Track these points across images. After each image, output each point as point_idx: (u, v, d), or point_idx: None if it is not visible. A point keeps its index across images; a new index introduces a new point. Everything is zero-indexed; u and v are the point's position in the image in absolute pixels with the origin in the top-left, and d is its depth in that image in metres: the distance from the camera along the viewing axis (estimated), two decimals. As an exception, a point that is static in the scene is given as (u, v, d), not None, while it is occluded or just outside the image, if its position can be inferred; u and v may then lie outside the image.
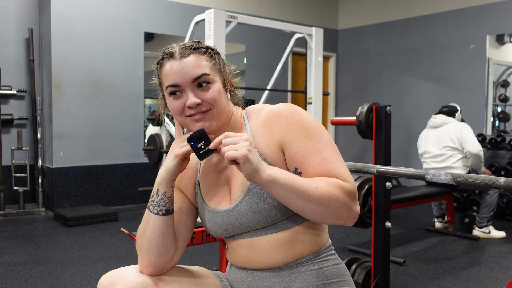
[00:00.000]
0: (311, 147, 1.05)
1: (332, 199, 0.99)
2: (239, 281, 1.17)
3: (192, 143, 0.99)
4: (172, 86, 1.07)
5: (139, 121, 5.16)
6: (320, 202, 0.98)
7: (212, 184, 1.17)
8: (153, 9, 5.22)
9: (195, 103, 1.05)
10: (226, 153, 0.94)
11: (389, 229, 2.27)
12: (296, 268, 1.10)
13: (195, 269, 1.18)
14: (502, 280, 2.82)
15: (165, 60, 1.10)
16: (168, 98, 1.10)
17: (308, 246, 1.11)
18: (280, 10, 6.38)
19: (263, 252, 1.10)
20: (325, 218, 1.01)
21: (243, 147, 0.94)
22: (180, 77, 1.06)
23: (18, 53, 4.77)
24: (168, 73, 1.08)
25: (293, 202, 0.98)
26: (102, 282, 1.06)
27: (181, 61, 1.07)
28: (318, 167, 1.03)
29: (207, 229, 1.18)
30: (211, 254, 3.27)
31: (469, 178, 1.44)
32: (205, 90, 1.07)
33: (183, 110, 1.08)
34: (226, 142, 0.95)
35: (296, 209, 1.00)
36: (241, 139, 0.95)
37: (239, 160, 0.93)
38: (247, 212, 1.08)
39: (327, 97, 7.06)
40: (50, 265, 3.00)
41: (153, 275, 1.09)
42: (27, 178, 4.64)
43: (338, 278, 1.13)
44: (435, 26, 5.88)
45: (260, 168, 0.95)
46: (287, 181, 0.97)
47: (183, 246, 1.15)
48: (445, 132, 3.84)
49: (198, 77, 1.06)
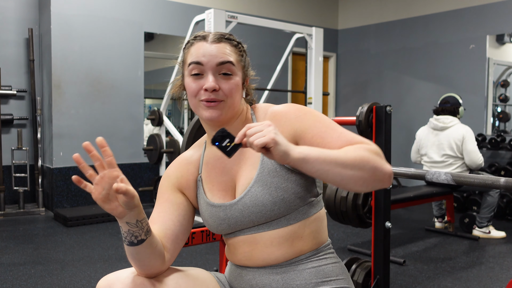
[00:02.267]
0: (325, 127, 1.07)
1: (364, 160, 0.99)
2: (239, 280, 1.17)
3: (217, 143, 0.99)
4: (196, 63, 1.08)
5: (139, 121, 5.16)
6: (356, 166, 0.98)
7: (216, 179, 1.17)
8: (153, 9, 5.22)
9: (213, 87, 1.06)
10: (255, 142, 0.92)
11: (389, 229, 2.27)
12: (295, 266, 1.11)
13: (193, 270, 1.18)
14: (502, 280, 2.82)
15: (196, 40, 1.11)
16: (188, 77, 1.11)
17: (308, 243, 1.12)
18: (280, 10, 6.38)
19: (264, 248, 1.10)
20: (366, 183, 1.00)
21: (269, 131, 0.93)
22: (207, 58, 1.08)
23: (18, 53, 4.77)
24: (195, 51, 1.09)
25: (330, 173, 0.97)
26: (101, 285, 1.06)
27: (211, 44, 1.09)
28: (339, 140, 1.05)
29: (208, 226, 1.18)
30: (211, 254, 3.27)
31: (469, 178, 1.44)
32: (226, 79, 1.09)
33: (199, 93, 1.09)
34: (251, 132, 0.94)
35: (335, 179, 0.99)
36: (264, 125, 0.95)
37: (269, 145, 0.92)
38: (252, 205, 1.08)
39: (327, 97, 7.06)
40: (50, 265, 3.00)
41: (150, 278, 1.09)
42: (27, 178, 4.64)
43: (336, 276, 1.13)
44: (435, 26, 5.88)
45: (290, 148, 0.95)
46: (318, 154, 0.96)
47: (177, 248, 1.14)
48: (446, 139, 3.74)
49: (223, 62, 1.08)
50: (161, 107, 4.77)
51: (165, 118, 4.77)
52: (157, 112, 4.74)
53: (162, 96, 4.81)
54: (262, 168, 1.09)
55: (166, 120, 4.76)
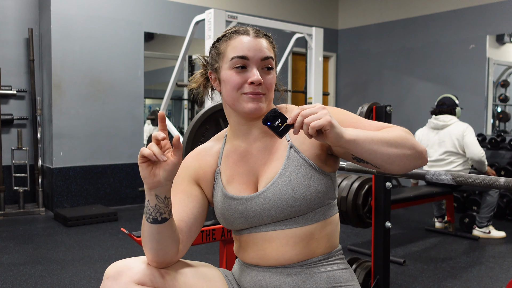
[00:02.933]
0: (354, 119, 1.11)
1: (404, 138, 1.03)
2: (249, 280, 1.16)
3: (268, 123, 0.99)
4: (241, 58, 1.09)
5: (139, 121, 5.16)
6: (399, 144, 1.02)
7: (238, 172, 1.16)
8: (153, 9, 5.22)
9: (259, 81, 1.09)
10: (312, 123, 0.93)
11: (389, 229, 2.27)
12: (306, 269, 1.11)
13: (201, 264, 1.18)
14: (502, 280, 2.82)
15: (236, 34, 1.12)
16: (229, 70, 1.11)
17: (322, 245, 1.12)
18: (280, 10, 6.38)
19: (279, 247, 1.10)
20: (409, 160, 1.03)
21: (325, 114, 0.94)
22: (252, 52, 1.09)
23: (18, 53, 4.77)
24: (239, 45, 1.10)
25: (378, 152, 1.00)
26: (109, 272, 1.05)
27: (255, 39, 1.11)
28: (371, 127, 1.09)
29: (223, 220, 1.17)
30: (211, 254, 3.27)
31: (469, 178, 1.44)
32: (267, 74, 1.12)
33: (242, 86, 1.10)
34: (305, 113, 0.95)
35: (383, 158, 1.01)
36: (318, 108, 0.95)
37: (325, 127, 0.93)
38: (274, 199, 1.08)
39: (327, 97, 7.06)
40: (50, 265, 3.00)
41: (160, 268, 1.08)
42: (27, 178, 4.63)
43: (346, 282, 1.13)
44: (435, 26, 5.88)
45: (343, 131, 0.97)
46: (366, 134, 1.00)
47: (190, 240, 1.14)
48: (447, 136, 3.77)
49: (267, 57, 1.11)
50: (161, 107, 4.77)
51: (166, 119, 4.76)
52: (157, 112, 4.73)
53: (162, 96, 4.81)
54: (288, 163, 1.10)
55: (166, 120, 4.76)
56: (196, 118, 1.95)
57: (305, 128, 0.94)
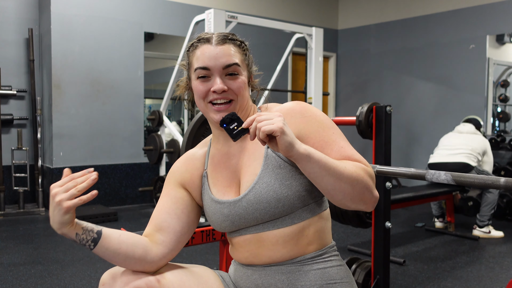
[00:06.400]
0: (328, 137, 1.09)
1: (359, 179, 1.02)
2: (244, 279, 1.17)
3: (225, 125, 1.00)
4: (202, 69, 1.10)
5: (139, 121, 5.16)
6: (349, 181, 1.00)
7: (222, 175, 1.17)
8: (153, 9, 5.22)
9: (221, 89, 1.09)
10: (262, 128, 0.93)
11: (389, 229, 2.27)
12: (300, 266, 1.11)
13: (197, 268, 1.18)
14: (502, 280, 2.82)
15: (200, 43, 1.13)
16: (195, 80, 1.13)
17: (314, 242, 1.12)
18: (280, 10, 6.38)
19: (270, 246, 1.11)
20: (352, 200, 1.03)
21: (278, 121, 0.94)
22: (212, 62, 1.09)
23: (18, 53, 4.77)
24: (201, 56, 1.11)
25: (324, 180, 1.00)
26: (104, 279, 1.07)
27: (216, 47, 1.11)
28: (338, 153, 1.07)
29: (212, 223, 1.18)
30: (211, 254, 3.27)
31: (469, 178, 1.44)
32: (233, 79, 1.11)
33: (207, 95, 1.11)
34: (261, 119, 0.96)
35: (327, 187, 1.01)
36: (275, 115, 0.96)
37: (276, 133, 0.93)
38: (256, 202, 1.09)
39: (327, 97, 7.07)
40: (50, 265, 3.00)
41: (150, 272, 1.10)
42: (27, 178, 4.63)
43: (341, 279, 1.13)
44: (435, 26, 5.88)
45: (296, 142, 0.96)
46: (321, 157, 0.99)
47: (176, 241, 1.14)
48: (472, 137, 3.96)
49: (229, 65, 1.10)
50: (161, 107, 4.77)
51: (165, 118, 4.76)
52: (157, 112, 4.74)
53: (162, 96, 4.81)
54: (266, 164, 1.10)
55: (166, 120, 4.76)
56: (196, 118, 1.95)
57: (257, 133, 0.95)
